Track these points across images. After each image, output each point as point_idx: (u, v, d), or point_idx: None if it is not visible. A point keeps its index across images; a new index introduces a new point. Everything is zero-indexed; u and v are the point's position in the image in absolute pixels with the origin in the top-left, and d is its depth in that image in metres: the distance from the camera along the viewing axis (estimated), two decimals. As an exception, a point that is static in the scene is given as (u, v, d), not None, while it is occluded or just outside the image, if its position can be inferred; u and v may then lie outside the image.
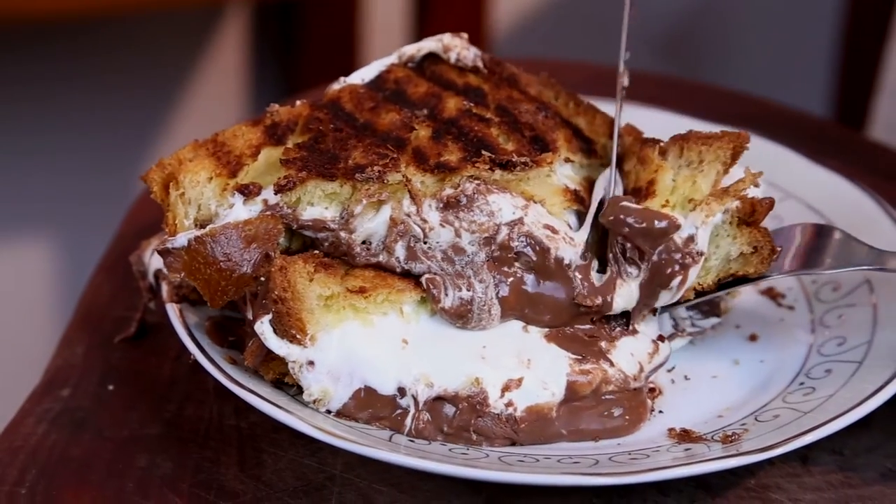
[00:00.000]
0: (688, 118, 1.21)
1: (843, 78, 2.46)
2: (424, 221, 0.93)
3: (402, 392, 0.91)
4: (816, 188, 1.13)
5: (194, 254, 0.91)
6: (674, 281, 0.95)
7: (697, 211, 0.94)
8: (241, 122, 1.00)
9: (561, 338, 0.95)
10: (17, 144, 2.17)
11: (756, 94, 1.45)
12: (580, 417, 0.93)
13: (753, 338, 1.03)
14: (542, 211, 0.96)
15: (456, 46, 1.06)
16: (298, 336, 0.90)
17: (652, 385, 0.97)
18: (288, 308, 0.90)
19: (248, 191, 0.93)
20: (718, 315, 1.03)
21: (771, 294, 1.08)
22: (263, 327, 0.91)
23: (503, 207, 0.95)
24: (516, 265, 0.95)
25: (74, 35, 2.15)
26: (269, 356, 0.92)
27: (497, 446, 0.92)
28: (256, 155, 0.96)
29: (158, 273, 1.01)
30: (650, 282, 0.95)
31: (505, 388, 0.92)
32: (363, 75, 1.05)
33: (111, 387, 1.00)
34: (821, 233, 1.00)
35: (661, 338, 0.98)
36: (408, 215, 0.93)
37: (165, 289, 0.99)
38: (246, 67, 2.30)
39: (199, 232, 0.92)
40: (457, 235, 0.94)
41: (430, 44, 1.07)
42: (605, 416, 0.94)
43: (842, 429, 0.88)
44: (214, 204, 0.94)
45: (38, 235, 2.23)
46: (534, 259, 0.95)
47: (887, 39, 1.75)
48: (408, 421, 0.91)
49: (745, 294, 1.06)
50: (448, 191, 0.94)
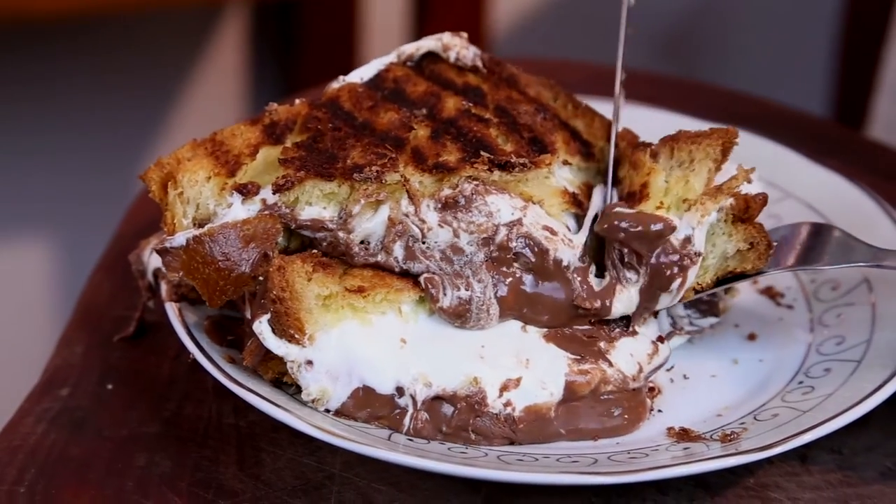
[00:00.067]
0: (687, 118, 1.21)
1: (843, 77, 2.46)
2: (423, 222, 0.93)
3: (401, 391, 0.91)
4: (816, 188, 1.13)
5: (193, 253, 0.91)
6: (674, 284, 0.95)
7: (692, 211, 0.94)
8: (240, 122, 1.00)
9: (560, 338, 0.95)
10: (17, 144, 2.17)
11: (755, 94, 1.45)
12: (579, 417, 0.93)
13: (752, 337, 1.03)
14: (541, 212, 0.96)
15: (455, 46, 1.05)
16: (297, 336, 0.90)
17: (651, 384, 0.97)
18: (286, 308, 0.90)
19: (247, 190, 0.93)
20: (717, 315, 1.03)
21: (770, 293, 1.08)
22: (262, 327, 0.91)
23: (502, 208, 0.94)
24: (515, 265, 0.95)
25: (74, 35, 2.15)
26: (268, 356, 0.92)
27: (496, 446, 0.92)
28: (255, 154, 0.96)
29: (157, 272, 1.01)
30: (650, 286, 0.95)
31: (503, 388, 0.92)
32: (362, 74, 1.04)
33: (110, 386, 1.00)
34: (819, 231, 1.00)
35: (661, 339, 0.98)
36: (406, 215, 0.93)
37: (164, 288, 0.99)
38: (245, 67, 2.30)
39: (198, 231, 0.92)
40: (455, 236, 0.94)
41: (430, 43, 1.06)
42: (604, 416, 0.94)
43: (841, 428, 0.88)
44: (213, 203, 0.93)
45: (38, 235, 2.23)
46: (532, 260, 0.95)
47: (886, 39, 1.75)
48: (406, 420, 0.91)
49: (744, 293, 1.06)
50: (446, 191, 0.94)
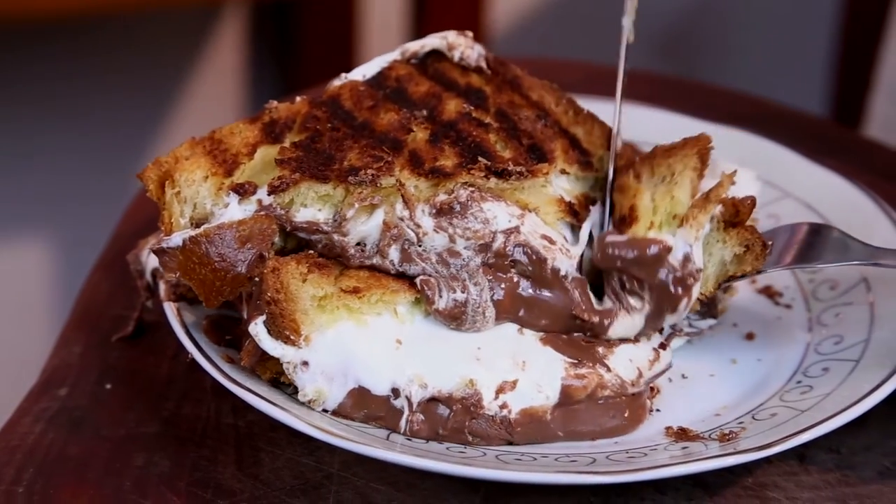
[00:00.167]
0: (686, 118, 1.21)
1: (841, 77, 2.46)
2: (418, 226, 0.93)
3: (396, 393, 0.91)
4: (814, 187, 1.13)
5: (189, 254, 0.91)
6: (681, 304, 0.95)
7: (686, 228, 0.93)
8: (240, 120, 0.99)
9: (557, 341, 0.95)
10: (16, 144, 2.17)
11: (754, 94, 1.45)
12: (576, 420, 0.93)
13: (751, 336, 1.03)
14: (539, 221, 0.95)
15: (460, 45, 1.04)
16: (292, 337, 0.90)
17: (650, 385, 0.97)
18: (281, 309, 0.90)
19: (244, 190, 0.92)
20: (715, 316, 1.03)
21: (768, 293, 1.08)
22: (258, 328, 0.90)
23: (498, 215, 0.94)
24: (512, 271, 0.94)
25: (72, 35, 2.15)
26: (266, 356, 0.92)
27: (494, 446, 0.92)
28: (253, 153, 0.95)
29: (156, 272, 1.01)
30: (657, 310, 0.95)
31: (499, 390, 0.91)
32: (365, 71, 1.03)
33: (109, 386, 1.00)
34: (818, 231, 1.00)
35: (663, 345, 0.97)
36: (401, 219, 0.92)
37: (163, 287, 0.99)
38: (244, 67, 2.30)
39: (194, 232, 0.91)
40: (451, 241, 0.93)
41: (435, 41, 1.05)
42: (602, 420, 0.93)
43: (839, 427, 0.88)
44: (210, 203, 0.93)
45: (36, 234, 2.23)
46: (530, 269, 0.94)
47: (883, 39, 1.75)
48: (402, 422, 0.91)
49: (743, 292, 1.06)
50: (441, 196, 0.93)
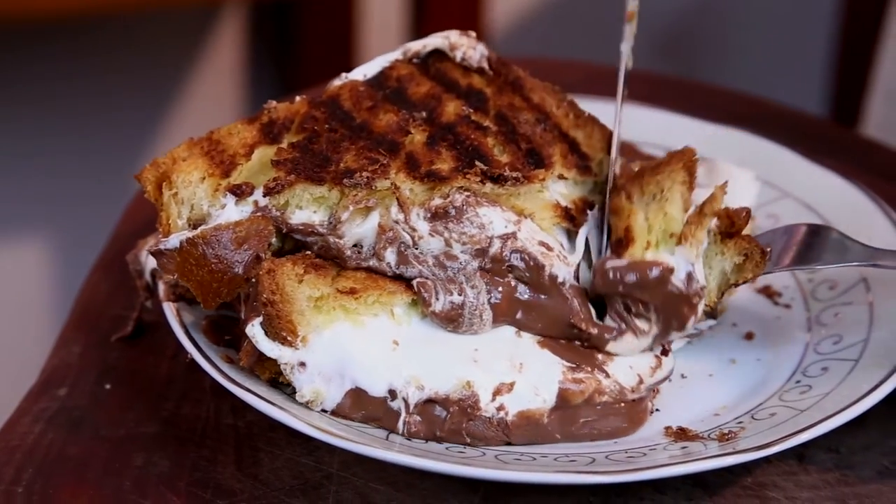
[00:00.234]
0: (685, 118, 1.21)
1: (839, 77, 2.46)
2: (413, 230, 0.92)
3: (393, 394, 0.90)
4: (813, 187, 1.13)
5: (186, 255, 0.91)
6: (689, 322, 0.95)
7: (685, 246, 0.93)
8: (238, 120, 0.99)
9: (555, 345, 0.94)
10: (15, 144, 2.17)
11: (754, 94, 1.45)
12: (573, 424, 0.92)
13: (750, 336, 1.03)
14: (535, 227, 0.95)
15: (462, 45, 1.04)
16: (289, 338, 0.90)
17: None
18: (277, 311, 0.90)
19: (241, 191, 0.92)
20: (714, 317, 1.03)
21: (767, 292, 1.08)
22: (254, 330, 0.90)
23: (494, 220, 0.93)
24: (510, 276, 0.94)
25: (73, 35, 2.15)
26: (264, 356, 0.91)
27: (493, 446, 0.92)
28: (250, 154, 0.95)
29: (155, 272, 1.01)
30: (664, 331, 0.95)
31: (496, 392, 0.91)
32: (365, 71, 1.03)
33: (108, 386, 1.00)
34: (817, 232, 1.00)
35: (665, 351, 0.97)
36: (396, 222, 0.92)
37: (162, 288, 0.99)
38: (243, 67, 2.30)
39: (191, 233, 0.91)
40: (447, 245, 0.93)
41: (437, 41, 1.04)
42: (599, 424, 0.93)
43: (838, 427, 0.88)
44: (206, 204, 0.93)
45: (35, 234, 2.23)
46: (527, 275, 0.94)
47: (880, 40, 1.75)
48: (399, 424, 0.91)
49: (742, 292, 1.06)
50: (437, 201, 0.93)
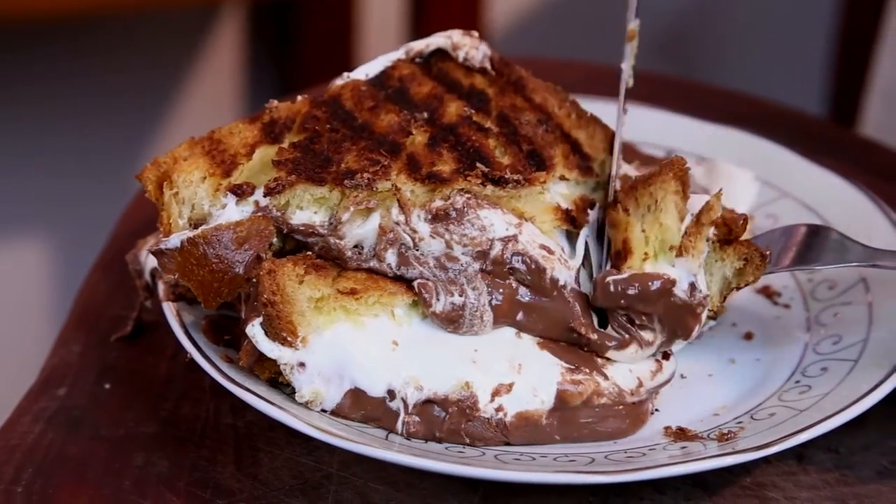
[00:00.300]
0: (685, 117, 1.22)
1: (838, 78, 2.46)
2: (414, 231, 0.92)
3: (392, 395, 0.90)
4: (813, 187, 1.13)
5: (187, 255, 0.91)
6: (693, 331, 0.95)
7: (686, 258, 0.94)
8: (240, 119, 0.99)
9: (555, 346, 0.94)
10: (15, 144, 2.17)
11: (753, 94, 1.45)
12: (572, 425, 0.92)
13: (749, 336, 1.03)
14: (536, 230, 0.95)
15: (465, 45, 1.03)
16: (289, 339, 0.90)
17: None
18: (278, 311, 0.90)
19: (241, 191, 0.92)
20: (714, 317, 1.03)
21: (767, 292, 1.08)
22: (255, 330, 0.90)
23: (495, 223, 0.93)
24: (511, 278, 0.94)
25: (73, 35, 2.15)
26: (264, 356, 0.92)
27: (492, 446, 0.92)
28: (251, 154, 0.95)
29: (155, 272, 1.01)
30: (669, 340, 0.95)
31: (495, 393, 0.91)
32: (367, 71, 1.02)
33: (107, 385, 1.00)
34: (816, 232, 1.00)
35: (666, 355, 0.97)
36: (397, 224, 0.92)
37: (162, 287, 0.99)
38: (242, 67, 2.30)
39: (192, 233, 0.91)
40: (448, 247, 0.93)
41: (439, 40, 1.04)
42: (598, 426, 0.93)
43: (837, 427, 0.88)
44: (207, 204, 0.93)
45: (35, 234, 2.23)
46: (528, 278, 0.94)
47: (878, 42, 1.75)
48: (398, 424, 0.91)
49: (741, 292, 1.06)
50: (437, 203, 0.92)
